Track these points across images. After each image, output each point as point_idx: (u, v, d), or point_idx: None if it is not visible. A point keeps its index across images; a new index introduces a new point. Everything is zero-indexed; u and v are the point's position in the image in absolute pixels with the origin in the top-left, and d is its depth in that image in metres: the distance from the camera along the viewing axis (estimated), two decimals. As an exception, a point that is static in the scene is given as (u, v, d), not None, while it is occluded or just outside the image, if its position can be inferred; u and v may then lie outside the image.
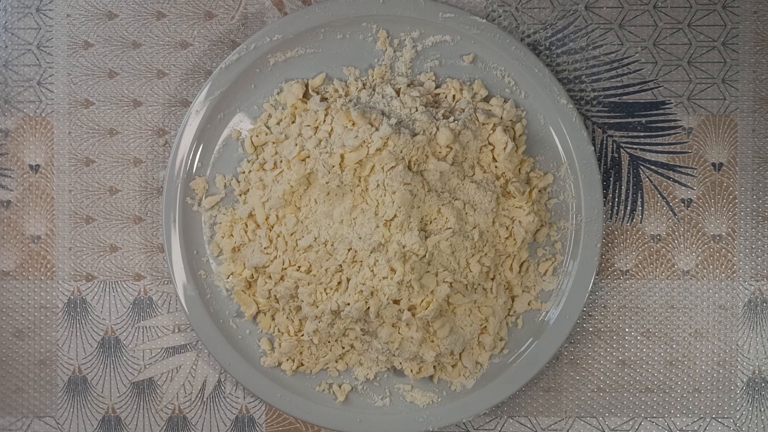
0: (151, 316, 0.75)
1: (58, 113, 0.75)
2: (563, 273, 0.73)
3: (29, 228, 0.75)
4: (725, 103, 0.75)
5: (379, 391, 0.74)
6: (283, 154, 0.71)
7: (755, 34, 0.75)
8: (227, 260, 0.73)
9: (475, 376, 0.73)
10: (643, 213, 0.75)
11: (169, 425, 0.75)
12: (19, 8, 0.75)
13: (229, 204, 0.74)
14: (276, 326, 0.73)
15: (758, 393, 0.75)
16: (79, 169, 0.75)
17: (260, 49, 0.72)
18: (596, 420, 0.75)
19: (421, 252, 0.68)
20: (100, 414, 0.76)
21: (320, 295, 0.69)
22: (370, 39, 0.73)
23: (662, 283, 0.75)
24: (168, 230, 0.73)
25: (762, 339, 0.75)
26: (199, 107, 0.72)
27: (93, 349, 0.75)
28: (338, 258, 0.68)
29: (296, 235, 0.69)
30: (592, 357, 0.75)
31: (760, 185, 0.75)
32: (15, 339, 0.75)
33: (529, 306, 0.73)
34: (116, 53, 0.75)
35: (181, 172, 0.73)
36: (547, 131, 0.73)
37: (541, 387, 0.75)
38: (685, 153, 0.75)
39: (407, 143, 0.68)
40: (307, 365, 0.73)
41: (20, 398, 0.75)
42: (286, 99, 0.73)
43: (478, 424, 0.75)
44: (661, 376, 0.75)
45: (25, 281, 0.75)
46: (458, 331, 0.71)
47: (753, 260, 0.75)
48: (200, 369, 0.75)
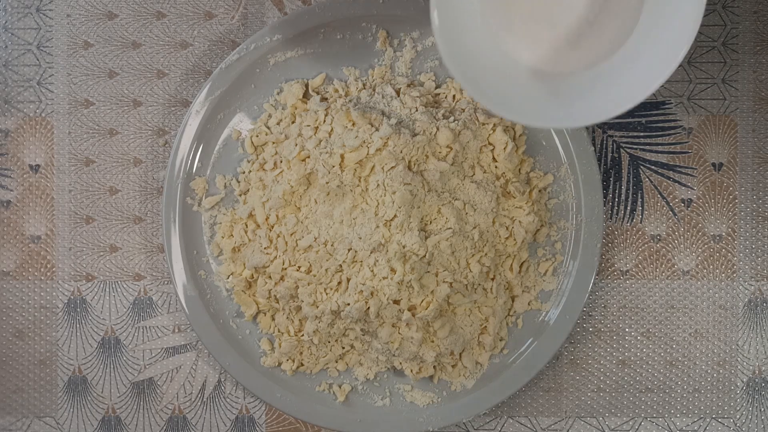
0: (151, 316, 0.75)
1: (58, 113, 0.75)
2: (563, 273, 0.73)
3: (29, 228, 0.75)
4: (725, 103, 0.75)
5: (379, 391, 0.74)
6: (283, 154, 0.71)
7: (755, 34, 0.74)
8: (227, 260, 0.73)
9: (475, 376, 0.73)
10: (643, 213, 0.75)
11: (169, 425, 0.75)
12: (19, 8, 0.75)
13: (229, 204, 0.74)
14: (276, 326, 0.73)
15: (758, 393, 0.75)
16: (79, 169, 0.75)
17: (260, 49, 0.72)
18: (596, 420, 0.75)
19: (421, 252, 0.68)
20: (100, 414, 0.76)
21: (320, 295, 0.69)
22: (370, 39, 0.73)
23: (662, 283, 0.75)
24: (168, 230, 0.73)
25: (762, 339, 0.75)
26: (199, 107, 0.72)
27: (93, 349, 0.75)
28: (338, 258, 0.68)
29: (296, 235, 0.70)
30: (592, 357, 0.75)
31: (760, 185, 0.75)
32: (15, 339, 0.75)
33: (529, 306, 0.73)
34: (116, 53, 0.75)
35: (181, 172, 0.73)
36: (547, 131, 0.73)
37: (541, 387, 0.75)
38: (685, 153, 0.75)
39: (407, 143, 0.68)
40: (307, 365, 0.73)
41: (20, 398, 0.75)
42: (286, 99, 0.73)
43: (478, 424, 0.75)
44: (661, 376, 0.75)
45: (25, 281, 0.75)
46: (458, 331, 0.71)
47: (753, 260, 0.75)
48: (200, 369, 0.75)
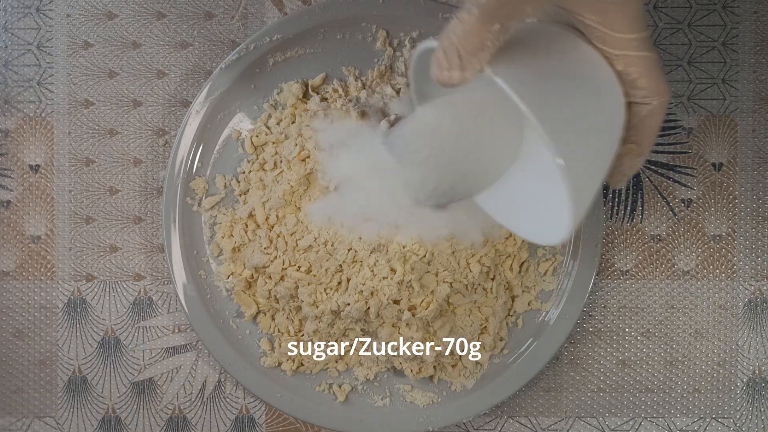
0: (151, 316, 0.75)
1: (58, 113, 0.75)
2: (563, 273, 0.73)
3: (29, 228, 0.75)
4: (725, 103, 0.75)
5: (379, 391, 0.74)
6: (283, 154, 0.71)
7: (755, 34, 0.75)
8: (227, 260, 0.73)
9: (475, 376, 0.73)
10: (643, 213, 0.75)
11: (169, 425, 0.75)
12: (19, 8, 0.75)
13: (229, 204, 0.74)
14: (276, 326, 0.73)
15: (758, 393, 0.75)
16: (79, 169, 0.75)
17: (260, 49, 0.72)
18: (596, 420, 0.75)
19: (421, 252, 0.68)
20: (100, 414, 0.76)
21: (320, 295, 0.69)
22: (370, 39, 0.73)
23: (662, 283, 0.75)
24: (168, 230, 0.73)
25: (762, 339, 0.75)
26: (199, 107, 0.72)
27: (93, 349, 0.75)
28: (338, 258, 0.68)
29: (296, 235, 0.70)
30: (592, 357, 0.75)
31: (760, 185, 0.75)
32: (15, 339, 0.75)
33: (529, 306, 0.73)
34: (116, 53, 0.75)
35: (181, 172, 0.73)
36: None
37: (541, 387, 0.75)
38: (685, 153, 0.75)
39: (407, 143, 0.68)
40: (307, 365, 0.73)
41: (20, 398, 0.75)
42: (286, 99, 0.73)
43: (478, 424, 0.75)
44: (661, 376, 0.75)
45: (25, 281, 0.75)
46: (458, 331, 0.71)
47: (753, 260, 0.75)
48: (200, 369, 0.75)
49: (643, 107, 0.56)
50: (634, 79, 0.55)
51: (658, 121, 0.56)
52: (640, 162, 0.58)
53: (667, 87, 0.56)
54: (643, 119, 0.56)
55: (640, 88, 0.55)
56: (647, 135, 0.57)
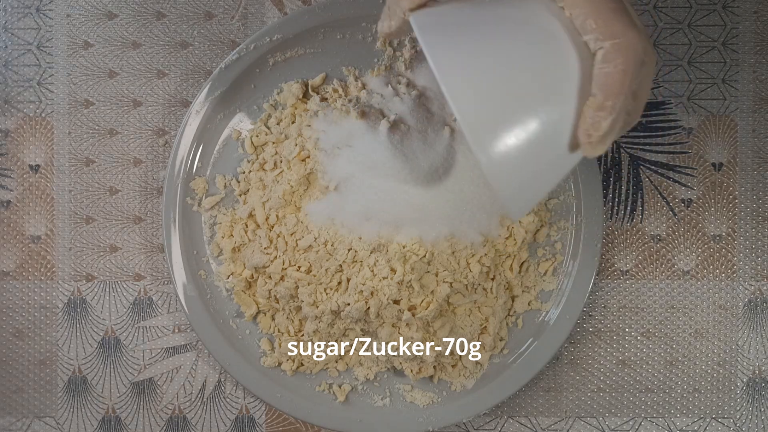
0: (151, 316, 0.75)
1: (58, 113, 0.75)
2: (563, 273, 0.73)
3: (29, 228, 0.75)
4: (725, 103, 0.75)
5: (379, 391, 0.74)
6: (283, 154, 0.71)
7: (755, 34, 0.74)
8: (227, 260, 0.73)
9: (475, 376, 0.73)
10: (643, 213, 0.75)
11: (169, 425, 0.75)
12: (19, 8, 0.75)
13: (229, 204, 0.74)
14: (276, 326, 0.73)
15: (758, 393, 0.75)
16: (79, 169, 0.75)
17: (260, 49, 0.72)
18: (596, 420, 0.75)
19: (421, 252, 0.68)
20: (100, 414, 0.75)
21: (320, 295, 0.69)
22: (370, 39, 0.73)
23: (662, 283, 0.75)
24: (168, 230, 0.73)
25: (762, 339, 0.75)
26: (199, 107, 0.72)
27: (93, 350, 0.75)
28: (338, 258, 0.68)
29: (296, 235, 0.69)
30: (592, 357, 0.75)
31: (760, 185, 0.75)
32: (15, 339, 0.75)
33: (529, 306, 0.73)
34: (116, 53, 0.75)
35: (181, 172, 0.73)
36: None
37: (541, 387, 0.75)
38: (685, 153, 0.75)
39: (407, 143, 0.68)
40: (307, 365, 0.73)
41: (20, 398, 0.75)
42: (286, 99, 0.73)
43: (478, 424, 0.75)
44: (661, 376, 0.75)
45: (25, 281, 0.75)
46: (458, 331, 0.71)
47: (753, 260, 0.75)
48: (200, 369, 0.75)
49: (598, 53, 0.52)
50: (582, 22, 0.52)
51: (617, 69, 0.51)
52: (606, 121, 0.51)
53: (627, 30, 0.51)
54: (599, 67, 0.52)
55: (589, 30, 0.52)
56: (606, 84, 0.51)
